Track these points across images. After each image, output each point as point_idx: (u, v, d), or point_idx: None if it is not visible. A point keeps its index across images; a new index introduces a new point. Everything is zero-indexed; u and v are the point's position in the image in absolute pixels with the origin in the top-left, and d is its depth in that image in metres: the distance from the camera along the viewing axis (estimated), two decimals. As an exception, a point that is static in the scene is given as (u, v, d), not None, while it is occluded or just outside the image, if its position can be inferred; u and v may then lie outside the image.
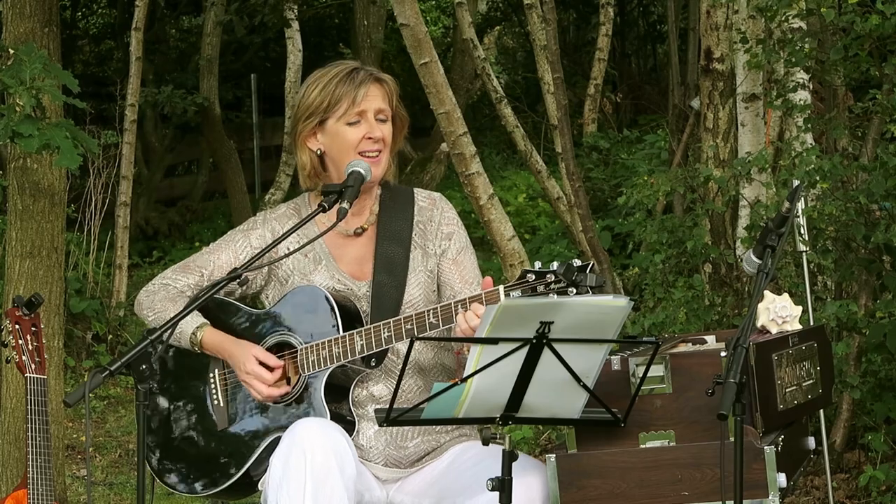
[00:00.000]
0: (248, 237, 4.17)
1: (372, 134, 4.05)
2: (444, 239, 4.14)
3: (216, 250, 4.18)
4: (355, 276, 4.10)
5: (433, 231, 4.14)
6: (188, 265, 4.18)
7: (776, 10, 6.18)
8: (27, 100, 5.07)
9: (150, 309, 4.13)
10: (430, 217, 4.15)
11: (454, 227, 4.16)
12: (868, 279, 6.04)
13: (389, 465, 4.04)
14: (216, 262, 4.15)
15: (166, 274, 4.19)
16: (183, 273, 4.17)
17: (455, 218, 4.18)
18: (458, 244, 4.15)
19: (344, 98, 4.05)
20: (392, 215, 4.13)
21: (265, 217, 4.21)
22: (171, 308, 4.07)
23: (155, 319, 4.10)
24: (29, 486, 4.63)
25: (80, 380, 9.18)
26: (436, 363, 4.10)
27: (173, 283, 4.15)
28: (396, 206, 4.15)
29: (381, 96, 4.09)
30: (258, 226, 4.19)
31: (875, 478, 5.88)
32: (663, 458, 3.68)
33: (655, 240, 6.92)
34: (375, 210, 4.15)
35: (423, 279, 4.09)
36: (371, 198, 4.16)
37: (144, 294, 4.18)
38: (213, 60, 13.62)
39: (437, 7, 17.42)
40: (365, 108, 4.05)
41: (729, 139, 7.04)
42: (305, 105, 4.07)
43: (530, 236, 11.72)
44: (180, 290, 4.13)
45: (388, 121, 4.10)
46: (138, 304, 4.18)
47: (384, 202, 4.16)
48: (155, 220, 14.17)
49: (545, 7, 8.54)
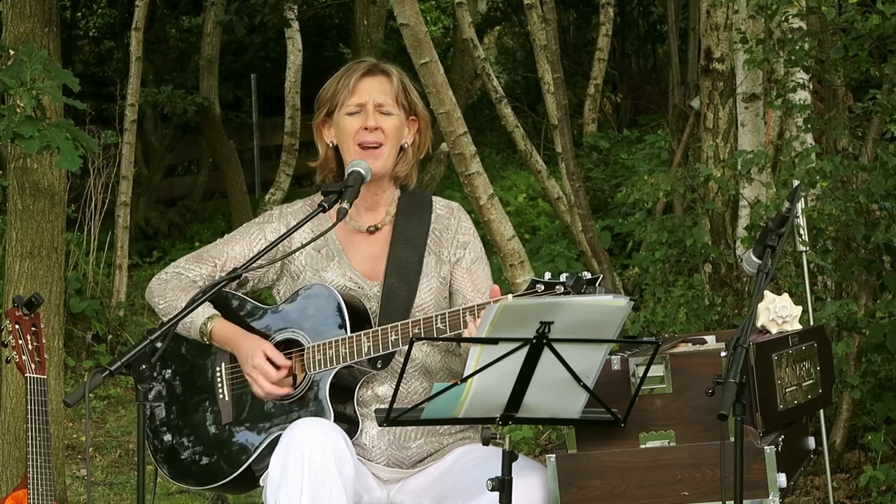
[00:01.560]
0: (263, 230, 4.17)
1: (367, 124, 4.06)
2: (459, 248, 4.14)
3: (231, 241, 4.19)
4: (367, 275, 4.10)
5: (449, 239, 4.14)
6: (202, 255, 4.19)
7: (776, 10, 6.18)
8: (28, 101, 5.07)
9: (161, 297, 4.14)
10: (446, 225, 4.16)
11: (470, 237, 4.17)
12: (868, 279, 6.04)
13: (391, 466, 4.04)
14: (230, 253, 4.16)
15: (179, 263, 4.20)
16: (196, 263, 4.17)
17: (472, 228, 4.19)
18: (472, 254, 4.15)
19: (342, 87, 4.09)
20: (408, 219, 4.14)
21: (281, 211, 4.21)
22: (182, 297, 4.08)
23: (165, 307, 4.11)
24: (29, 486, 4.63)
25: (80, 380, 9.18)
26: (443, 366, 4.09)
27: (186, 273, 4.15)
28: (413, 211, 4.15)
29: (382, 90, 4.10)
30: (274, 219, 4.19)
31: (875, 478, 5.89)
32: (663, 458, 3.68)
33: (655, 239, 6.92)
34: (392, 211, 4.15)
35: (434, 285, 4.09)
36: (386, 196, 4.16)
37: (156, 282, 4.18)
38: (213, 60, 13.61)
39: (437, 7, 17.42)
40: (363, 100, 4.07)
41: (729, 139, 7.04)
42: (318, 97, 4.15)
43: (530, 236, 11.72)
44: (192, 280, 4.14)
45: (391, 114, 4.10)
46: (149, 292, 4.18)
47: (402, 205, 4.16)
48: (155, 220, 14.17)
49: (545, 7, 8.54)
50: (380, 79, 4.11)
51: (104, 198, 10.60)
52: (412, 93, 4.16)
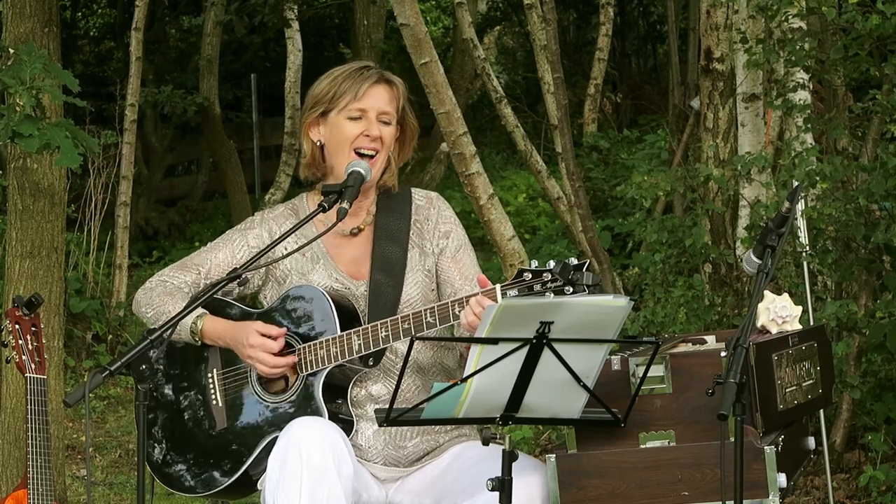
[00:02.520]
0: (245, 237, 4.18)
1: (370, 132, 4.07)
2: (441, 238, 4.15)
3: (213, 249, 4.19)
4: (353, 275, 4.10)
5: (430, 230, 4.15)
6: (185, 263, 4.19)
7: (777, 10, 6.18)
8: (27, 100, 5.07)
9: (147, 305, 4.14)
10: (427, 216, 4.16)
11: (451, 226, 4.17)
12: (868, 279, 6.04)
13: (388, 465, 4.04)
14: (213, 260, 4.16)
15: (164, 272, 4.20)
16: (180, 271, 4.18)
17: (452, 216, 4.19)
18: (456, 242, 4.15)
19: (348, 91, 4.08)
20: (389, 215, 4.15)
21: (263, 217, 4.22)
22: (169, 301, 4.08)
23: (154, 315, 4.11)
24: (29, 486, 4.63)
25: (80, 380, 9.18)
26: (434, 362, 4.10)
27: (170, 280, 4.16)
28: (393, 207, 4.16)
29: (386, 98, 4.11)
30: (256, 225, 4.19)
31: (875, 478, 5.88)
32: (663, 458, 3.68)
33: (655, 240, 6.92)
34: (373, 211, 4.17)
35: (420, 278, 4.10)
36: (368, 199, 4.17)
37: (142, 292, 4.18)
38: (213, 60, 13.62)
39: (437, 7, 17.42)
40: (367, 107, 4.08)
41: (729, 139, 7.04)
42: (313, 94, 4.14)
43: (530, 236, 11.72)
44: (177, 287, 4.14)
45: (390, 124, 4.11)
46: (136, 303, 4.19)
47: (381, 203, 4.17)
48: (155, 220, 14.17)
49: (545, 7, 8.54)
50: (387, 88, 4.12)
51: (104, 198, 10.61)
52: (408, 104, 4.18)
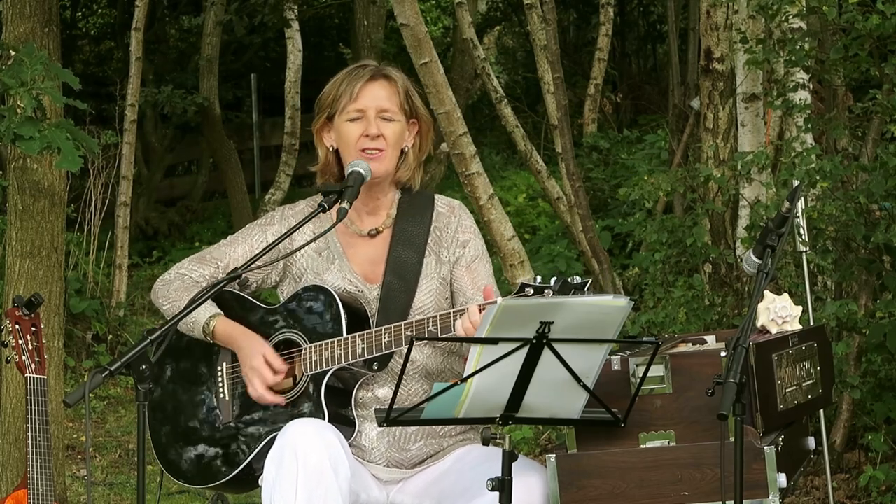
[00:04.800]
0: (264, 232, 4.19)
1: (369, 131, 4.05)
2: (459, 247, 4.13)
3: (233, 243, 4.20)
4: (367, 278, 4.10)
5: (449, 238, 4.13)
6: (205, 256, 4.21)
7: (777, 10, 6.18)
8: (28, 101, 5.07)
9: (164, 298, 4.17)
10: (447, 224, 4.14)
11: (470, 235, 4.15)
12: (868, 279, 6.04)
13: (391, 467, 4.04)
14: (232, 254, 4.17)
15: (183, 264, 4.22)
16: (199, 264, 4.19)
17: (472, 226, 4.17)
18: (472, 252, 4.13)
19: (345, 93, 4.08)
20: (409, 220, 4.13)
21: (283, 213, 4.22)
22: (185, 297, 4.09)
23: (170, 308, 4.14)
24: (29, 486, 4.63)
25: (80, 380, 9.17)
26: (444, 368, 4.09)
27: (189, 274, 4.17)
28: (414, 211, 4.14)
29: (384, 95, 4.08)
30: (275, 221, 4.20)
31: (875, 478, 5.89)
32: (663, 458, 3.68)
33: (655, 240, 6.92)
34: (393, 213, 4.15)
35: (434, 286, 4.09)
36: (387, 199, 4.15)
37: (160, 283, 4.21)
38: (213, 60, 13.61)
39: (437, 7, 17.42)
40: (364, 106, 4.06)
41: (729, 139, 7.04)
42: (319, 100, 4.14)
43: (530, 236, 11.71)
44: (195, 281, 4.16)
45: (393, 120, 4.09)
46: (154, 294, 4.22)
47: (402, 206, 4.15)
48: (155, 220, 14.16)
49: (545, 7, 8.54)
50: (384, 84, 4.10)
51: (104, 198, 10.60)
52: (415, 97, 4.15)
